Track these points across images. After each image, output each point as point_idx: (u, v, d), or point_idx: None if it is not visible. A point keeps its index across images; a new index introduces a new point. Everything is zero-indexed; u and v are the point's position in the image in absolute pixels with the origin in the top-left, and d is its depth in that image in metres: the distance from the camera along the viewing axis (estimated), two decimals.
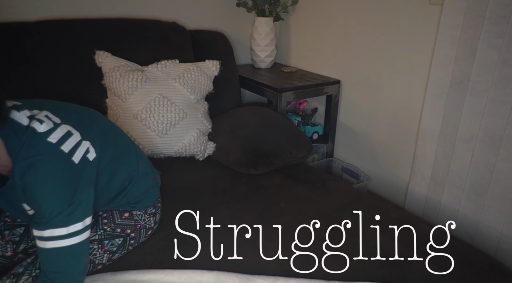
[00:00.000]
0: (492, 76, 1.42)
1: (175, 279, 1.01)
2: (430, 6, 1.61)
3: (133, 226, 1.13)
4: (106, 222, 1.10)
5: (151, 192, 1.20)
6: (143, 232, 1.16)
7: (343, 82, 2.10)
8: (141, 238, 1.16)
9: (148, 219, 1.18)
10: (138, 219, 1.15)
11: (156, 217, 1.21)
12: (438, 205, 1.70)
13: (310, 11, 2.21)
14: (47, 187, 0.86)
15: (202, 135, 1.72)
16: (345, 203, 1.44)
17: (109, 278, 1.00)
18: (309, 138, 1.79)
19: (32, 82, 1.61)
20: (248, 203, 1.42)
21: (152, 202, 1.20)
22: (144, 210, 1.17)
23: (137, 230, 1.14)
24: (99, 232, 1.07)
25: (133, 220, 1.14)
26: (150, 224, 1.19)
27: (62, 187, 0.87)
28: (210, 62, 1.81)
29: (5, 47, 1.57)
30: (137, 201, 1.15)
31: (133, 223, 1.13)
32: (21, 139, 0.85)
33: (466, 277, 1.09)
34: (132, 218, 1.14)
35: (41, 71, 1.63)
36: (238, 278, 1.03)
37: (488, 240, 1.55)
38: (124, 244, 1.11)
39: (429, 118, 1.67)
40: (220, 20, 2.26)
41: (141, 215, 1.16)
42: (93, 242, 1.05)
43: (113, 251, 1.08)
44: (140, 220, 1.15)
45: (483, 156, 1.50)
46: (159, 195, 1.25)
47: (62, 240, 0.88)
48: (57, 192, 0.87)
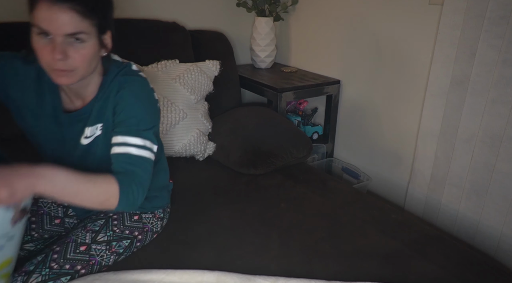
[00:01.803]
0: (492, 76, 1.42)
1: (176, 279, 1.02)
2: (430, 6, 1.61)
3: (141, 228, 1.15)
4: (116, 223, 1.11)
5: (164, 192, 1.23)
6: (150, 235, 1.18)
7: (343, 82, 2.10)
8: (146, 241, 1.18)
9: (156, 222, 1.19)
10: (146, 222, 1.17)
11: (163, 222, 1.23)
12: (438, 205, 1.70)
13: (310, 11, 2.21)
14: (138, 100, 0.98)
15: (202, 135, 1.72)
16: (345, 203, 1.44)
17: (110, 277, 1.01)
18: (309, 138, 1.79)
19: None
20: (248, 203, 1.42)
21: (162, 205, 1.22)
22: (153, 213, 1.19)
23: (144, 232, 1.16)
24: (108, 233, 1.08)
25: (141, 223, 1.16)
26: (157, 228, 1.20)
27: (149, 107, 1.00)
28: (210, 62, 1.81)
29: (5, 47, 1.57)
30: (149, 197, 1.15)
31: (141, 226, 1.15)
32: (119, 67, 1.01)
33: (466, 277, 1.09)
34: (141, 221, 1.16)
35: None
36: (238, 278, 1.03)
37: (488, 240, 1.55)
38: (131, 246, 1.12)
39: (429, 118, 1.67)
40: (220, 20, 2.26)
41: (149, 218, 1.18)
42: (102, 243, 1.06)
43: (120, 253, 1.09)
44: (148, 223, 1.17)
45: (483, 156, 1.50)
46: (169, 200, 1.28)
47: (136, 148, 0.94)
48: (145, 108, 0.98)
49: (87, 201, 0.86)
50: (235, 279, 1.02)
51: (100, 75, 0.99)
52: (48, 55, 0.84)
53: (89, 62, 0.90)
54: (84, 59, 0.88)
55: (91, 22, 0.85)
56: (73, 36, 0.84)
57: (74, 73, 0.88)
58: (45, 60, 0.86)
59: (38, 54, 0.87)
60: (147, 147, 0.96)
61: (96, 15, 0.86)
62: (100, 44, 0.91)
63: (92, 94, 0.99)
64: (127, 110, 0.96)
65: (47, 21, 0.81)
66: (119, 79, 0.98)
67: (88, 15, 0.84)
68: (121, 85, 0.98)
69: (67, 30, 0.82)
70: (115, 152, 0.94)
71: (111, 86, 0.98)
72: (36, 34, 0.84)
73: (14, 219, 0.84)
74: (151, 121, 0.99)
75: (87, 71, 0.91)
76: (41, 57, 0.86)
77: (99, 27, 0.88)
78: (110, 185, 0.87)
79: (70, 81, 0.89)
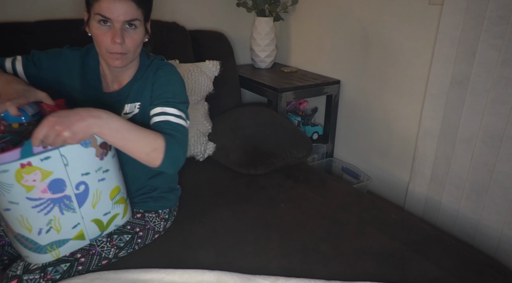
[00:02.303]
0: (492, 76, 1.42)
1: (177, 279, 1.02)
2: (430, 6, 1.61)
3: (142, 225, 1.16)
4: None
5: (171, 195, 1.25)
6: (151, 234, 1.19)
7: (343, 82, 2.10)
8: (148, 240, 1.18)
9: (158, 222, 1.21)
10: (148, 220, 1.18)
11: (167, 224, 1.24)
12: (438, 205, 1.70)
13: (310, 11, 2.21)
14: (174, 79, 1.10)
15: (202, 135, 1.72)
16: (345, 203, 1.44)
17: (111, 276, 1.01)
18: (309, 138, 1.79)
19: None
20: (248, 203, 1.42)
21: (168, 206, 1.24)
22: (157, 213, 1.21)
23: (145, 230, 1.17)
24: None
25: (143, 220, 1.18)
26: (159, 228, 1.21)
27: (182, 86, 1.12)
28: (210, 62, 1.81)
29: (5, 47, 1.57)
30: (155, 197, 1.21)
31: (143, 223, 1.17)
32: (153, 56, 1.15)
33: (466, 277, 1.09)
34: (143, 218, 1.18)
35: None
36: (238, 278, 1.03)
37: (488, 240, 1.55)
38: (131, 242, 1.13)
39: (429, 118, 1.67)
40: (220, 20, 2.26)
41: (152, 218, 1.20)
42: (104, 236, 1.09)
43: (120, 247, 1.10)
44: (150, 222, 1.18)
45: (483, 156, 1.50)
46: (177, 204, 1.30)
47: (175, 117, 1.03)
48: (180, 85, 1.10)
49: (136, 149, 0.93)
50: (235, 279, 1.02)
51: (137, 61, 1.12)
52: (108, 40, 0.98)
53: (138, 46, 1.04)
54: (135, 43, 1.01)
55: (142, 11, 1.00)
56: (130, 22, 0.98)
57: (127, 56, 1.02)
58: (105, 44, 0.99)
59: (98, 40, 1.00)
60: (183, 118, 1.04)
61: (145, 5, 1.01)
62: (145, 30, 1.05)
63: (128, 77, 1.12)
64: (164, 86, 1.07)
65: (110, 9, 0.95)
66: (156, 62, 1.12)
67: (141, 5, 0.99)
68: (158, 67, 1.11)
69: (126, 17, 0.97)
70: (155, 121, 1.02)
71: (150, 69, 1.11)
72: (96, 21, 0.97)
73: (99, 154, 0.96)
74: (185, 97, 1.10)
75: (135, 55, 1.04)
76: (101, 42, 0.99)
77: (146, 16, 1.03)
78: (157, 138, 0.95)
79: (123, 64, 1.02)
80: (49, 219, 0.93)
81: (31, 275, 0.95)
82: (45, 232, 0.93)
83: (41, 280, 0.95)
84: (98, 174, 0.98)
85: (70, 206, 0.95)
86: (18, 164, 0.85)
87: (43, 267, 0.97)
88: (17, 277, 0.94)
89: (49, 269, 0.97)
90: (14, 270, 0.96)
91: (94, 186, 0.98)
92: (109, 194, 1.02)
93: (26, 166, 0.85)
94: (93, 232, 1.03)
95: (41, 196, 0.90)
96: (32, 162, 0.86)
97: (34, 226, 0.91)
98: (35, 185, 0.88)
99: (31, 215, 0.90)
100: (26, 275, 0.95)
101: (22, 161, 0.85)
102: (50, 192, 0.90)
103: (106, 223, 1.05)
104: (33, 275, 0.95)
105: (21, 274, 0.95)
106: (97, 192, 0.99)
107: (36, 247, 0.94)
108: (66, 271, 1.00)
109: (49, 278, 0.97)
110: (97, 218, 1.02)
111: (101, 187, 1.00)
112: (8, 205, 0.88)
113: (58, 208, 0.93)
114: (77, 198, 0.96)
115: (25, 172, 0.86)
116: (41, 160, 0.87)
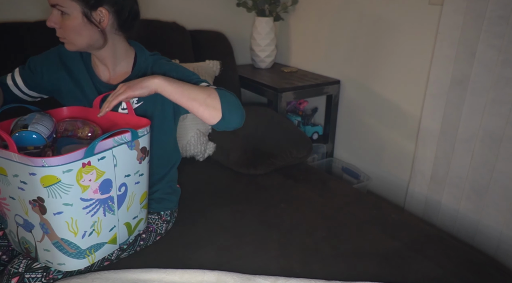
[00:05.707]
0: (492, 76, 1.42)
1: (177, 279, 1.02)
2: (430, 6, 1.61)
3: (145, 228, 1.16)
4: None
5: (172, 196, 1.26)
6: (153, 236, 1.19)
7: (343, 82, 2.10)
8: (150, 241, 1.18)
9: (161, 224, 1.21)
10: (151, 223, 1.18)
11: (168, 225, 1.24)
12: (438, 205, 1.70)
13: (310, 11, 2.21)
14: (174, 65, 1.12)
15: (202, 135, 1.72)
16: (345, 203, 1.44)
17: (111, 276, 1.01)
18: (309, 138, 1.79)
19: None
20: (248, 203, 1.42)
21: (169, 208, 1.24)
22: (159, 215, 1.21)
23: (148, 232, 1.16)
24: None
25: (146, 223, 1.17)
26: (161, 230, 1.21)
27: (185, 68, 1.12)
28: (210, 62, 1.81)
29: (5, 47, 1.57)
30: (157, 199, 1.21)
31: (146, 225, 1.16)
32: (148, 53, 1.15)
33: (466, 277, 1.09)
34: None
35: None
36: (239, 278, 1.03)
37: (488, 240, 1.55)
38: (134, 244, 1.13)
39: (429, 118, 1.67)
40: (220, 20, 2.26)
41: (155, 220, 1.19)
42: None
43: (123, 249, 1.10)
44: (153, 224, 1.18)
45: (483, 156, 1.51)
46: (177, 205, 1.30)
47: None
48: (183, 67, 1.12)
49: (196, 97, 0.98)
50: (235, 279, 1.02)
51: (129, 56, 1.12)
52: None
53: (76, 33, 0.99)
54: (67, 29, 0.98)
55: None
56: (55, 6, 0.97)
57: (68, 41, 1.01)
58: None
59: None
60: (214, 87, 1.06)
61: None
62: (86, 18, 0.98)
63: (126, 74, 1.12)
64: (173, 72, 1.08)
65: None
66: (151, 58, 1.13)
67: None
68: (155, 62, 1.12)
69: (51, 1, 0.96)
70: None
71: (145, 64, 1.12)
72: None
73: (139, 158, 0.99)
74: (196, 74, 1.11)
75: (76, 42, 1.01)
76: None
77: (88, 5, 0.97)
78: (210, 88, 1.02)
79: (69, 48, 1.02)
80: (94, 221, 0.93)
81: (33, 273, 0.94)
82: (88, 235, 0.93)
83: (43, 279, 0.95)
84: (135, 177, 1.00)
85: (112, 207, 0.95)
86: (81, 163, 0.85)
87: (46, 266, 0.97)
88: (18, 275, 0.93)
89: (52, 269, 0.97)
90: (16, 267, 0.95)
91: (131, 189, 1.00)
92: (140, 198, 1.04)
93: (86, 165, 0.86)
94: (123, 236, 1.03)
95: (92, 197, 0.90)
96: (91, 161, 0.87)
97: (81, 229, 0.91)
98: (90, 185, 0.88)
99: (81, 217, 0.90)
100: (28, 273, 0.94)
101: (84, 161, 0.85)
102: (99, 192, 0.91)
103: (133, 227, 1.05)
104: (35, 274, 0.95)
105: (23, 272, 0.94)
106: (132, 195, 1.01)
107: (77, 251, 0.93)
108: (68, 271, 0.99)
109: (51, 277, 0.96)
110: (128, 222, 1.03)
111: (136, 190, 1.02)
112: (61, 207, 0.86)
113: (102, 209, 0.93)
114: (118, 199, 0.96)
115: (85, 171, 0.86)
116: (98, 160, 0.88)
